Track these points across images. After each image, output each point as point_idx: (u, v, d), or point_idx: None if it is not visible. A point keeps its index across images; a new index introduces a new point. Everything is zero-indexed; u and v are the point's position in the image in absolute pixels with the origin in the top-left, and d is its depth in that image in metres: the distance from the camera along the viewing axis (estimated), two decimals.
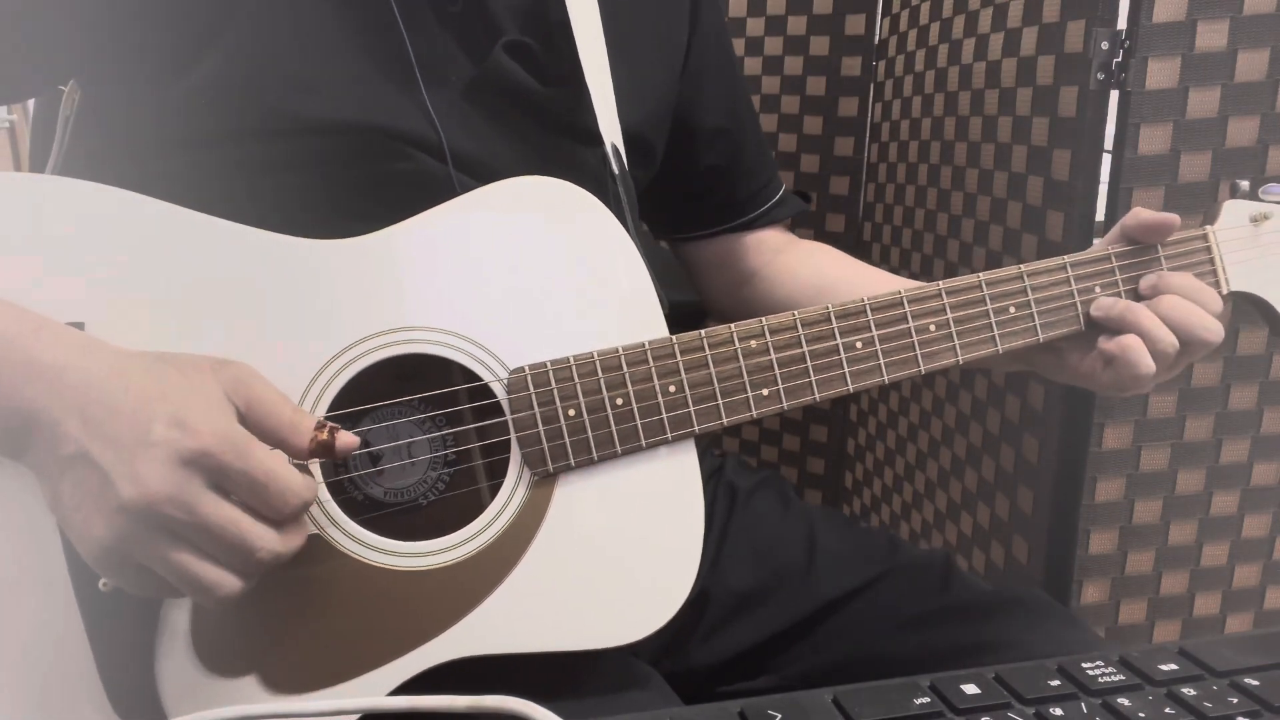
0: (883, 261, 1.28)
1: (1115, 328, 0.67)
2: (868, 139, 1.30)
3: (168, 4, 0.63)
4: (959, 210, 1.08)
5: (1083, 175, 0.87)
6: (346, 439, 0.54)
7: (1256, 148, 0.87)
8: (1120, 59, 0.84)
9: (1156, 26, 0.82)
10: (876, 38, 1.28)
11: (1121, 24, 0.84)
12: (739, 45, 1.33)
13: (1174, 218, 0.68)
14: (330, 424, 0.54)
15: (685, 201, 0.89)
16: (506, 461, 0.61)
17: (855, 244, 1.33)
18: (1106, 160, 0.87)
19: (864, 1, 1.27)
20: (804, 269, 0.90)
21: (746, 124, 0.90)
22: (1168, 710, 0.42)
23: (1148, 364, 0.66)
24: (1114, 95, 0.85)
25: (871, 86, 1.29)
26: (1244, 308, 0.74)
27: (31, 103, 0.77)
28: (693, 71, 0.83)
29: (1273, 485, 0.98)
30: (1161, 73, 0.84)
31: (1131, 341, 0.66)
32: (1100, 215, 0.89)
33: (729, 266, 0.92)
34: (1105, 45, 0.83)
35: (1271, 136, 0.86)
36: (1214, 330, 0.66)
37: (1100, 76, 0.84)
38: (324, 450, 0.53)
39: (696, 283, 0.95)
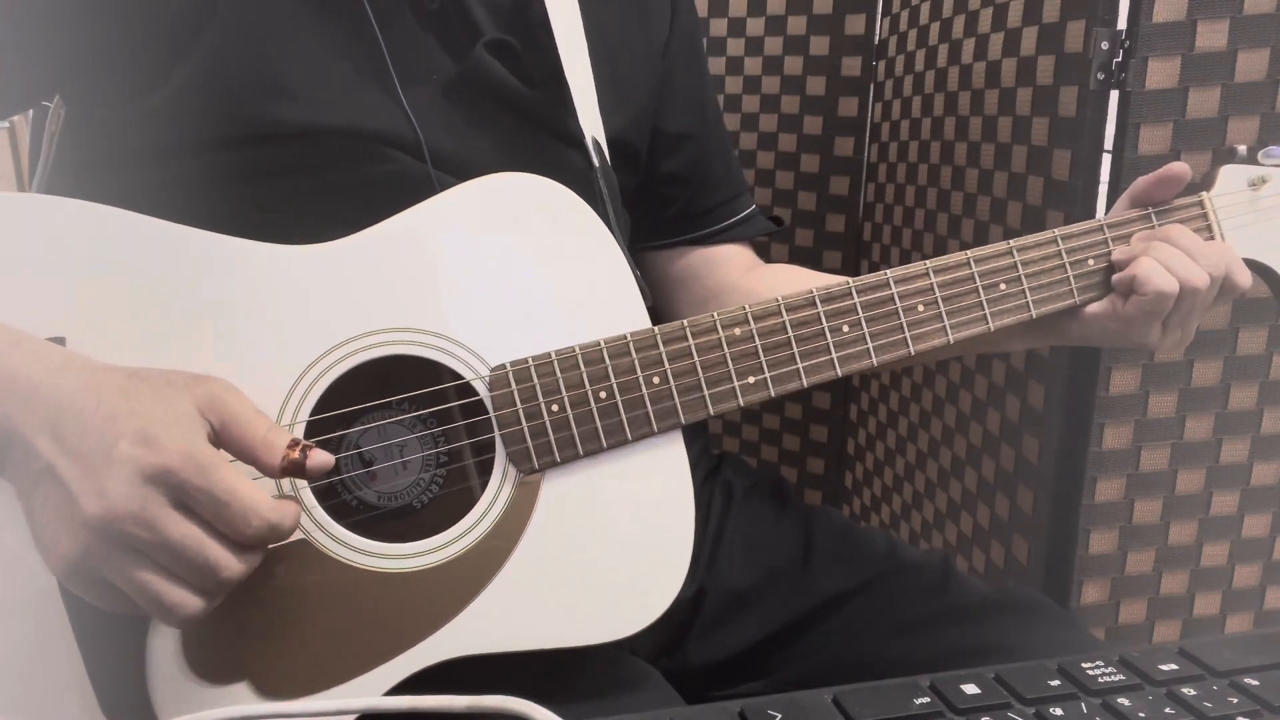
0: (883, 262, 1.28)
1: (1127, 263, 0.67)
2: (868, 139, 1.30)
3: (143, 15, 0.63)
4: (959, 210, 1.08)
5: (1083, 175, 0.87)
6: (319, 458, 0.54)
7: (1256, 148, 0.87)
8: (1120, 59, 0.84)
9: (1156, 26, 0.82)
10: (876, 38, 1.28)
11: (1121, 24, 0.84)
12: (739, 45, 1.33)
13: (1181, 166, 0.68)
14: (304, 443, 0.53)
15: (643, 209, 0.86)
16: (492, 460, 0.60)
17: (855, 244, 1.33)
18: (1106, 160, 0.87)
19: (864, 1, 1.27)
20: (775, 283, 0.87)
21: (713, 135, 0.88)
22: (1168, 710, 0.42)
23: (1168, 279, 0.65)
24: (1114, 95, 0.85)
25: (871, 86, 1.29)
26: (1251, 297, 0.73)
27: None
28: (662, 72, 0.82)
29: (1273, 485, 0.98)
30: (1161, 73, 0.84)
31: (1145, 261, 0.66)
32: (1100, 215, 0.88)
33: (692, 284, 0.89)
34: (1105, 45, 0.83)
35: (1272, 136, 0.86)
36: (1198, 274, 0.66)
37: (1100, 76, 0.84)
38: (295, 469, 0.53)
39: (659, 301, 0.92)
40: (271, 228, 0.59)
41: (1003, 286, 0.66)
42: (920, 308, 0.65)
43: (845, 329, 0.64)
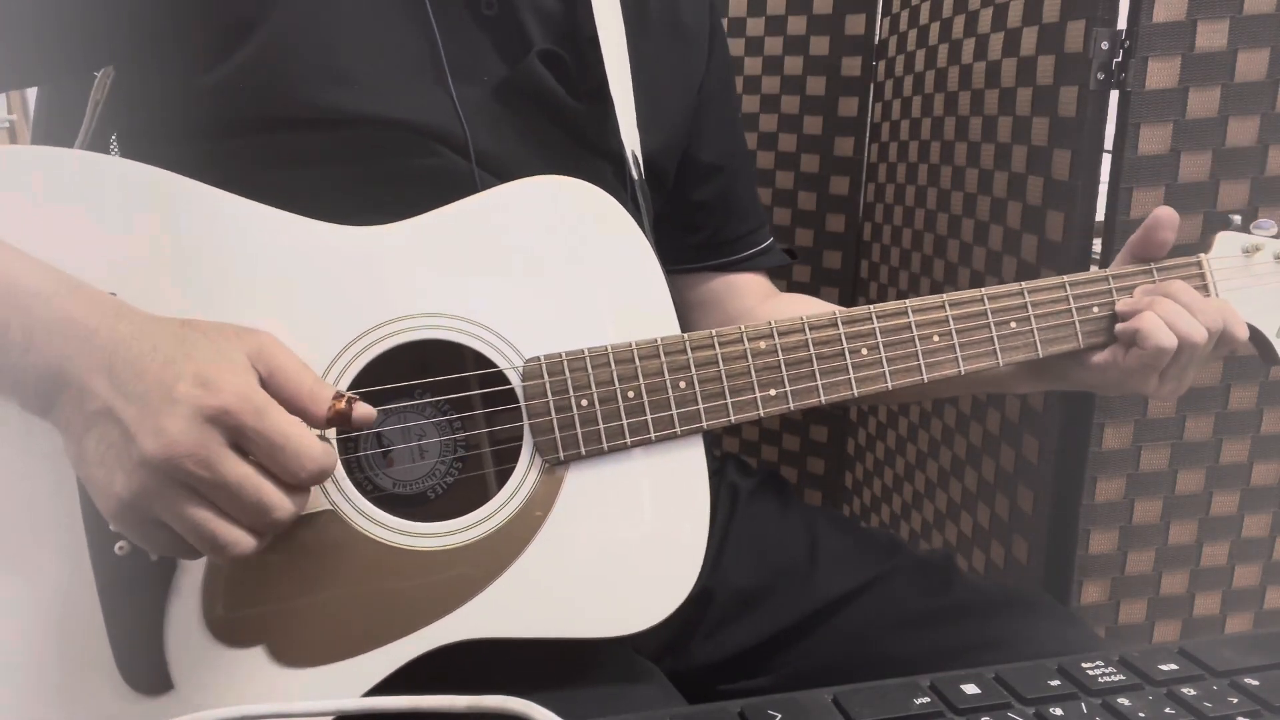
0: (883, 262, 1.28)
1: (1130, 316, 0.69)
2: (868, 139, 1.30)
3: None
4: (959, 210, 1.08)
5: (1083, 175, 0.87)
6: (364, 410, 0.56)
7: (1256, 148, 0.87)
8: (1120, 59, 0.84)
9: (1156, 26, 0.83)
10: (876, 38, 1.28)
11: (1121, 24, 0.84)
12: (739, 45, 1.33)
13: (1169, 211, 0.70)
14: (349, 395, 0.55)
15: (671, 234, 0.88)
16: (518, 448, 0.62)
17: (855, 244, 1.33)
18: (1106, 160, 0.87)
19: (864, 1, 1.27)
20: (797, 306, 0.90)
21: (740, 167, 0.91)
22: (1168, 710, 0.42)
23: (1168, 335, 0.67)
24: (1114, 95, 0.85)
25: (871, 86, 1.29)
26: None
27: (32, 103, 0.77)
28: (699, 103, 0.84)
29: (1273, 485, 0.98)
30: (1161, 73, 0.84)
31: (1148, 316, 0.68)
32: (1100, 215, 0.89)
33: (713, 308, 0.91)
34: (1105, 45, 0.84)
35: (1271, 136, 0.86)
36: (1197, 330, 0.68)
37: (1100, 76, 0.84)
38: (341, 420, 0.55)
39: (679, 322, 0.94)
40: (313, 212, 0.61)
41: (1013, 325, 0.69)
42: (935, 338, 0.67)
43: (864, 351, 0.66)
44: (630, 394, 0.62)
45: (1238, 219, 0.74)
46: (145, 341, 0.51)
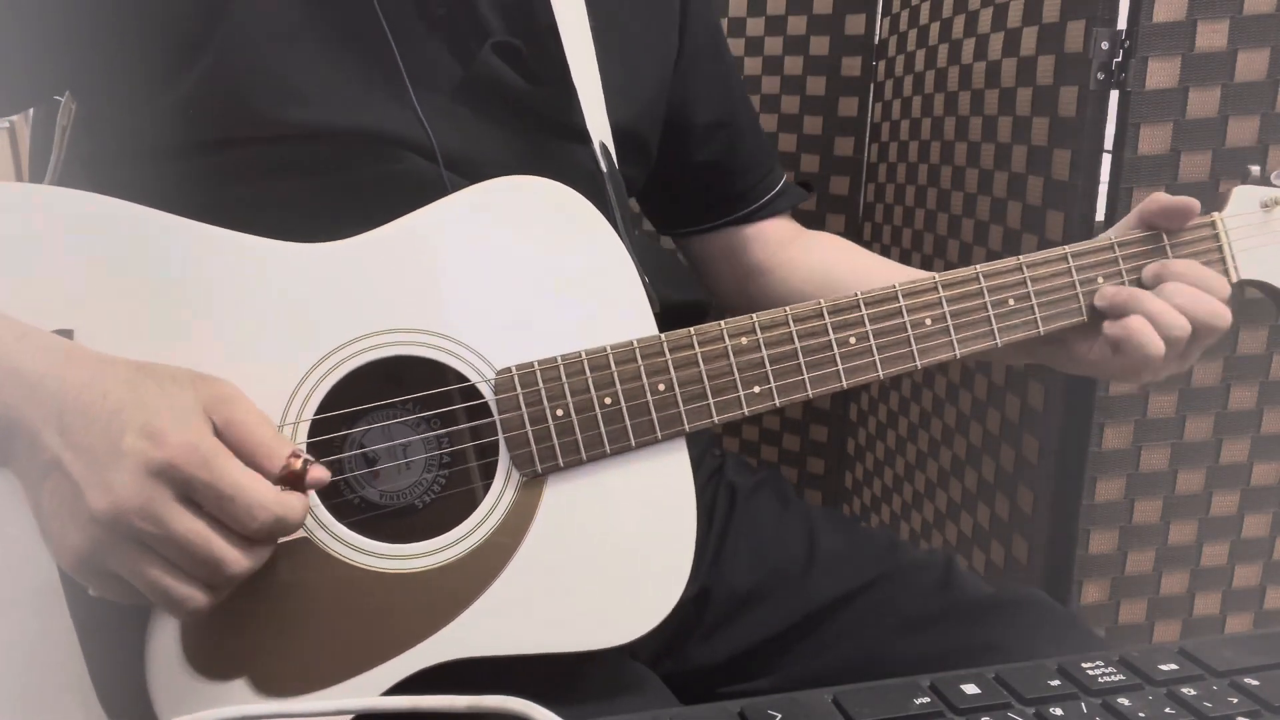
0: None
1: (1119, 313, 0.66)
2: (868, 139, 1.30)
3: (156, 14, 0.63)
4: (959, 210, 1.08)
5: (1083, 175, 0.87)
6: (318, 473, 0.54)
7: (1256, 148, 0.87)
8: (1120, 59, 0.84)
9: (1156, 26, 0.83)
10: (876, 38, 1.28)
11: (1121, 24, 0.84)
12: (739, 45, 1.33)
13: (1194, 202, 0.67)
14: (305, 456, 0.54)
15: (684, 197, 0.88)
16: (495, 463, 0.60)
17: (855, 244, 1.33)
18: (1106, 160, 0.87)
19: (864, 1, 1.27)
20: (810, 259, 0.89)
21: (742, 117, 0.89)
22: (1168, 710, 0.42)
23: (1156, 344, 0.65)
24: (1114, 95, 0.85)
25: (871, 86, 1.29)
26: (1253, 297, 0.73)
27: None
28: (684, 67, 0.83)
29: (1273, 485, 0.98)
30: (1161, 73, 0.84)
31: (1136, 322, 0.65)
32: (1100, 215, 0.88)
33: (734, 260, 0.91)
34: (1105, 45, 0.83)
35: (1271, 136, 0.86)
36: (1220, 315, 0.66)
37: (1100, 76, 0.84)
38: (293, 480, 0.53)
39: (704, 280, 0.95)
40: (280, 226, 0.60)
41: (1011, 303, 0.66)
42: (928, 321, 0.65)
43: (852, 340, 0.64)
44: (608, 400, 0.60)
45: (1256, 170, 0.70)
46: (95, 389, 0.50)
